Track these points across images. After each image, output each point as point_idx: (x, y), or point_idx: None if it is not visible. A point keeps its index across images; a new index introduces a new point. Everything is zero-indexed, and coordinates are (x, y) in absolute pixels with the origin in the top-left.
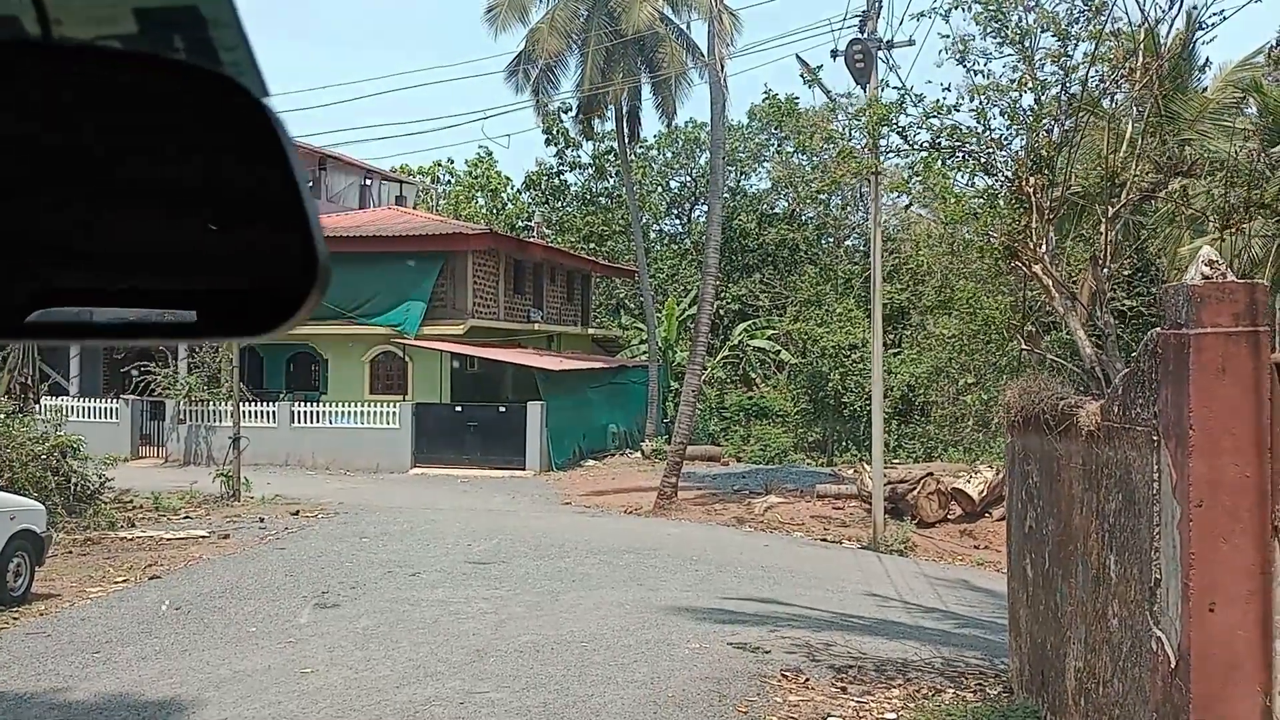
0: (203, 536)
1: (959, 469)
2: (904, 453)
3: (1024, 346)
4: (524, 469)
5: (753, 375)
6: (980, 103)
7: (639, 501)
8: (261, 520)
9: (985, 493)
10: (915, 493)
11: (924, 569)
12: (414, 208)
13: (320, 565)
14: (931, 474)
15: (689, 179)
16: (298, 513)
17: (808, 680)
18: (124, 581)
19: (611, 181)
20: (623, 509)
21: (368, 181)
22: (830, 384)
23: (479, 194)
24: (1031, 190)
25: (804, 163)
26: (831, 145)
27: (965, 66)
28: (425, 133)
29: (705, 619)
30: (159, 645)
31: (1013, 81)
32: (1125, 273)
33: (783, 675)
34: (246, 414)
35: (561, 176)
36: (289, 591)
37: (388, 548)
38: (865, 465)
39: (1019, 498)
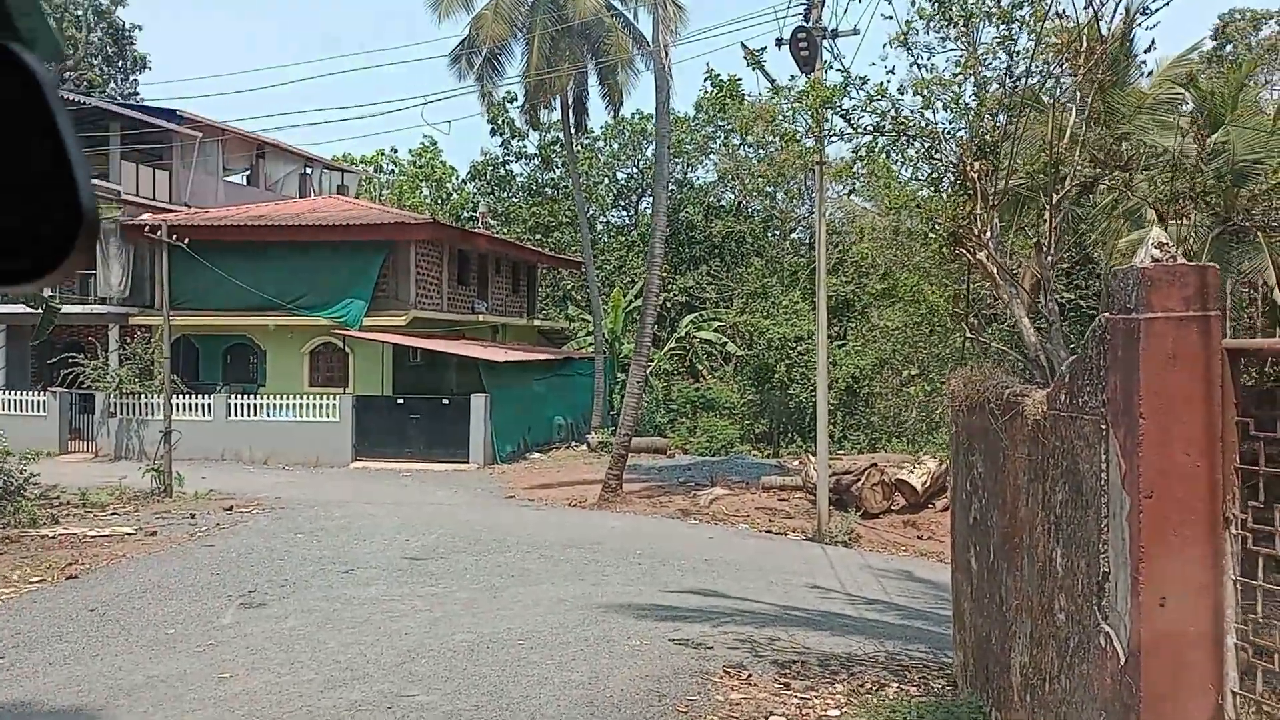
0: (128, 534)
1: (902, 460)
2: (849, 444)
3: (968, 336)
4: (468, 462)
5: (699, 367)
6: (924, 96)
7: (584, 495)
8: (192, 516)
9: (929, 483)
10: (859, 484)
11: (868, 560)
12: (356, 197)
13: (250, 563)
14: (875, 465)
15: (636, 171)
16: (231, 508)
17: (750, 677)
18: (39, 582)
19: (558, 172)
20: (567, 502)
21: (308, 170)
22: (776, 375)
23: (423, 184)
24: (976, 176)
25: (750, 155)
26: (775, 136)
27: (910, 52)
28: (366, 117)
29: (647, 615)
30: (69, 650)
31: (955, 75)
32: (1064, 265)
33: (725, 672)
34: (180, 407)
35: (507, 167)
36: (214, 591)
37: (322, 544)
38: (810, 457)
39: (963, 489)
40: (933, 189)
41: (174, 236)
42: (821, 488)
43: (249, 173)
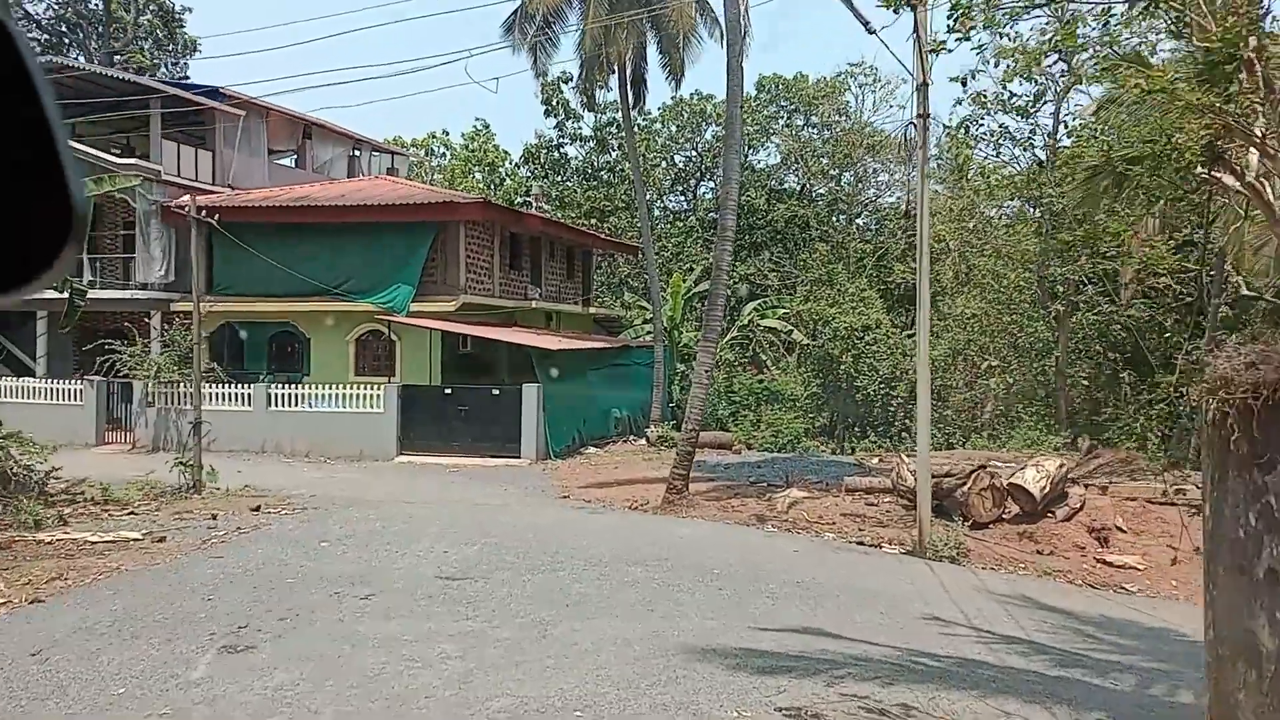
0: (134, 540)
1: (1008, 459)
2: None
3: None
4: (519, 457)
5: (763, 357)
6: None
7: (645, 495)
8: (214, 518)
9: (1047, 489)
10: (965, 488)
11: (984, 581)
12: (407, 180)
13: (255, 582)
14: (984, 467)
15: (694, 154)
16: (258, 508)
17: None
18: (2, 604)
19: (614, 155)
20: (627, 504)
21: (356, 152)
22: (842, 367)
23: (476, 168)
24: (1253, 55)
25: (814, 136)
26: (841, 115)
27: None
28: (410, 95)
29: (739, 666)
30: None
31: None
32: None
33: None
34: (219, 396)
35: (561, 149)
36: (198, 625)
37: (347, 556)
38: (904, 456)
39: (1240, 525)
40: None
41: (214, 217)
42: (924, 493)
43: (295, 155)
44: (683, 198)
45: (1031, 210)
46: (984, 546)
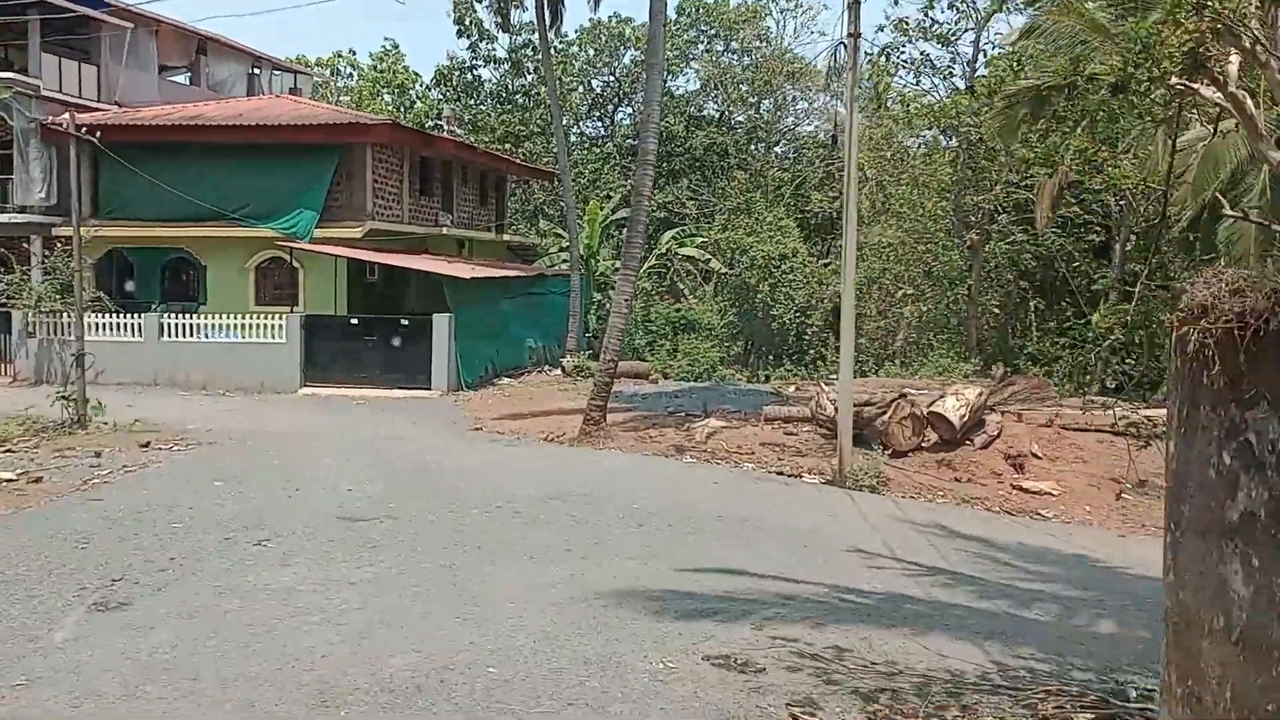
0: (7, 480)
1: (921, 386)
2: (833, 368)
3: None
4: (429, 389)
5: (680, 286)
6: None
7: (561, 426)
8: (98, 455)
9: (966, 417)
10: (886, 417)
11: (905, 511)
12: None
13: (137, 528)
14: (904, 395)
15: (613, 79)
16: (148, 444)
17: None
18: None
19: (529, 79)
20: (544, 436)
21: (256, 70)
22: (758, 296)
23: (385, 91)
24: None
25: (734, 62)
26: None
27: None
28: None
29: (663, 611)
30: None
31: None
32: None
33: (793, 719)
34: (107, 326)
35: (475, 72)
36: (67, 577)
37: (242, 496)
38: (824, 385)
39: (1212, 464)
40: None
41: (96, 135)
42: (845, 423)
43: (189, 72)
44: (600, 124)
45: (948, 140)
46: (903, 475)
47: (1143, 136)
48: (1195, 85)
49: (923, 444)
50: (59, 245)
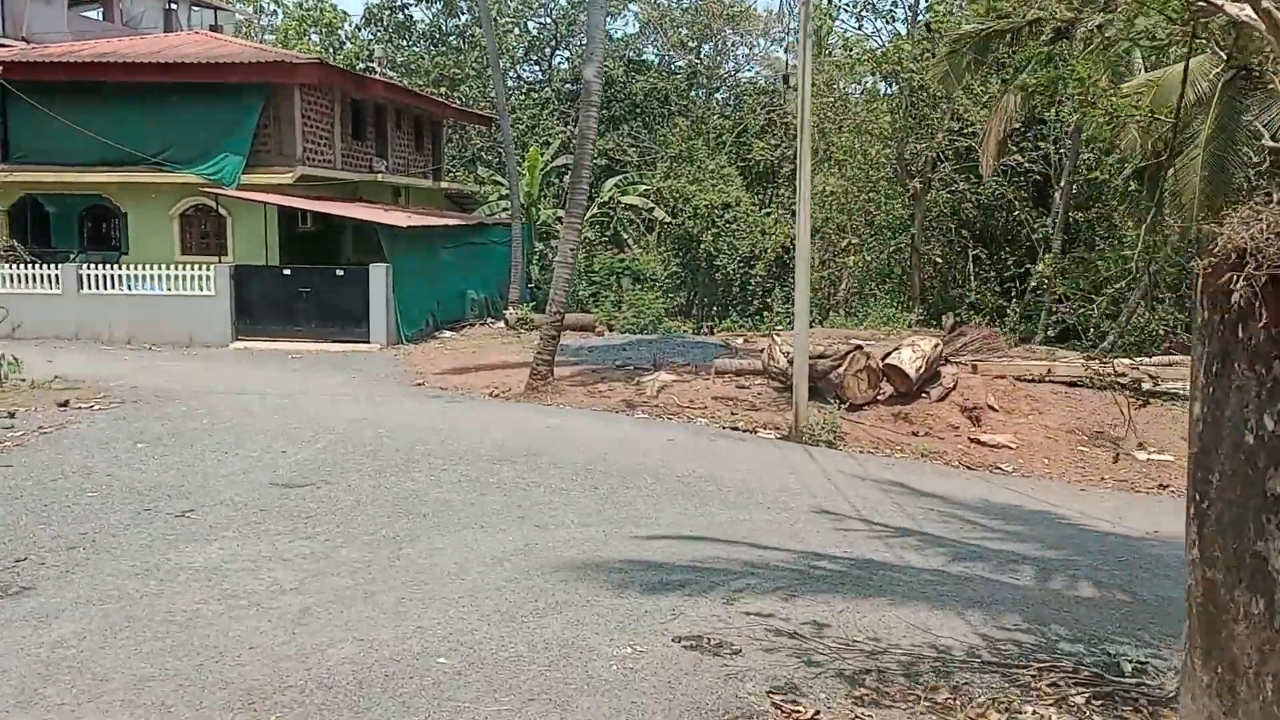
0: None
1: (867, 337)
2: (780, 320)
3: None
4: (368, 342)
5: (624, 235)
6: None
7: (507, 381)
8: (11, 415)
9: (923, 369)
10: (841, 370)
11: (865, 466)
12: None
13: (48, 498)
14: (860, 347)
15: (549, 20)
16: (67, 403)
17: (818, 715)
18: None
19: (464, 19)
20: (489, 392)
21: (173, 6)
22: (702, 246)
23: (312, 30)
24: None
25: (673, 5)
26: None
27: None
28: None
29: (626, 584)
30: None
31: None
32: None
33: (776, 707)
34: (21, 278)
35: (406, 11)
36: None
37: (167, 460)
38: (776, 337)
39: (1249, 428)
40: None
41: (0, 73)
42: (800, 376)
43: (101, 7)
44: (537, 68)
45: (889, 86)
46: (860, 429)
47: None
48: (1219, 3)
49: (878, 397)
50: None
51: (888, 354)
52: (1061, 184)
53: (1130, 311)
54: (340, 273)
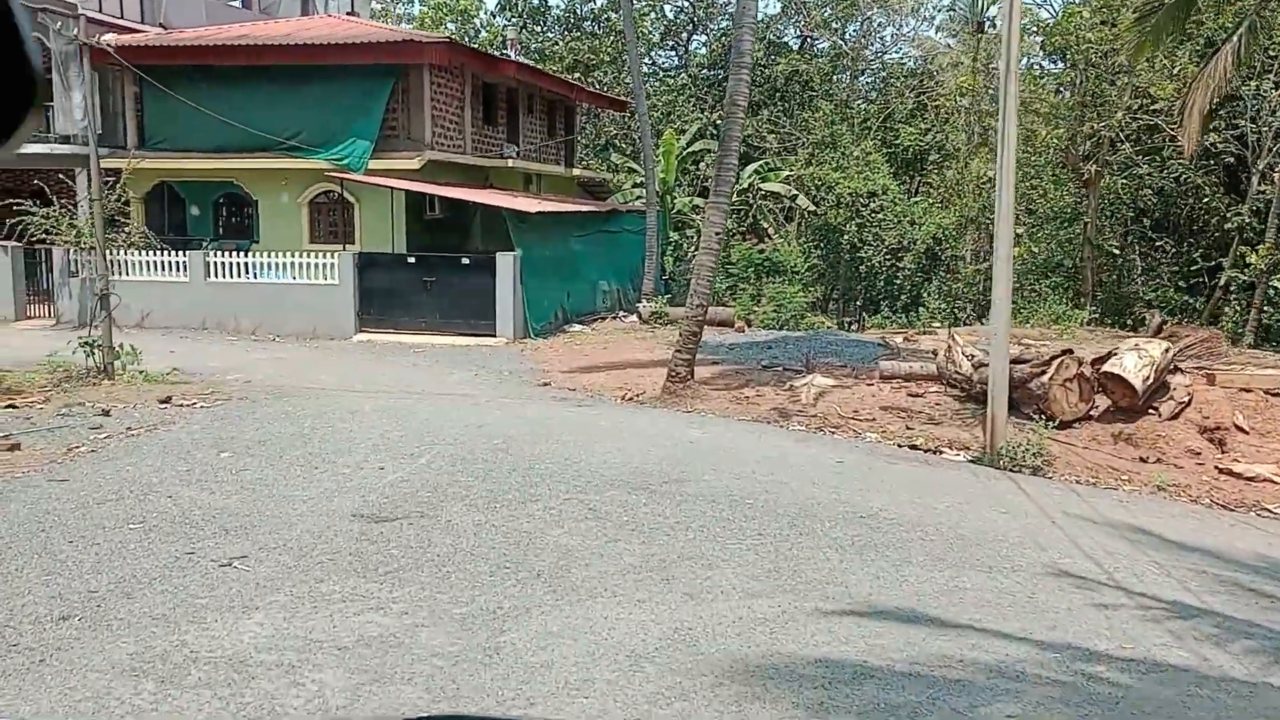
0: None
1: (1037, 337)
2: (938, 315)
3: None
4: (493, 336)
5: (764, 225)
6: None
7: (641, 382)
8: (107, 414)
9: (1150, 379)
10: (1045, 378)
11: (1093, 505)
12: None
13: (81, 530)
14: (1070, 351)
15: (687, 4)
16: (168, 399)
17: None
18: None
19: (599, 3)
20: (621, 394)
21: None
22: (845, 236)
23: (448, 18)
24: None
25: None
26: None
27: None
28: None
29: (826, 706)
30: None
31: None
32: None
33: None
34: (151, 265)
35: None
36: None
37: (244, 476)
38: (957, 336)
39: None
40: None
41: (137, 60)
42: (1000, 383)
43: None
44: (673, 53)
45: (1054, 63)
46: (1071, 452)
47: None
48: None
49: (1091, 412)
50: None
51: (1102, 358)
52: (1259, 167)
53: None
54: (466, 261)
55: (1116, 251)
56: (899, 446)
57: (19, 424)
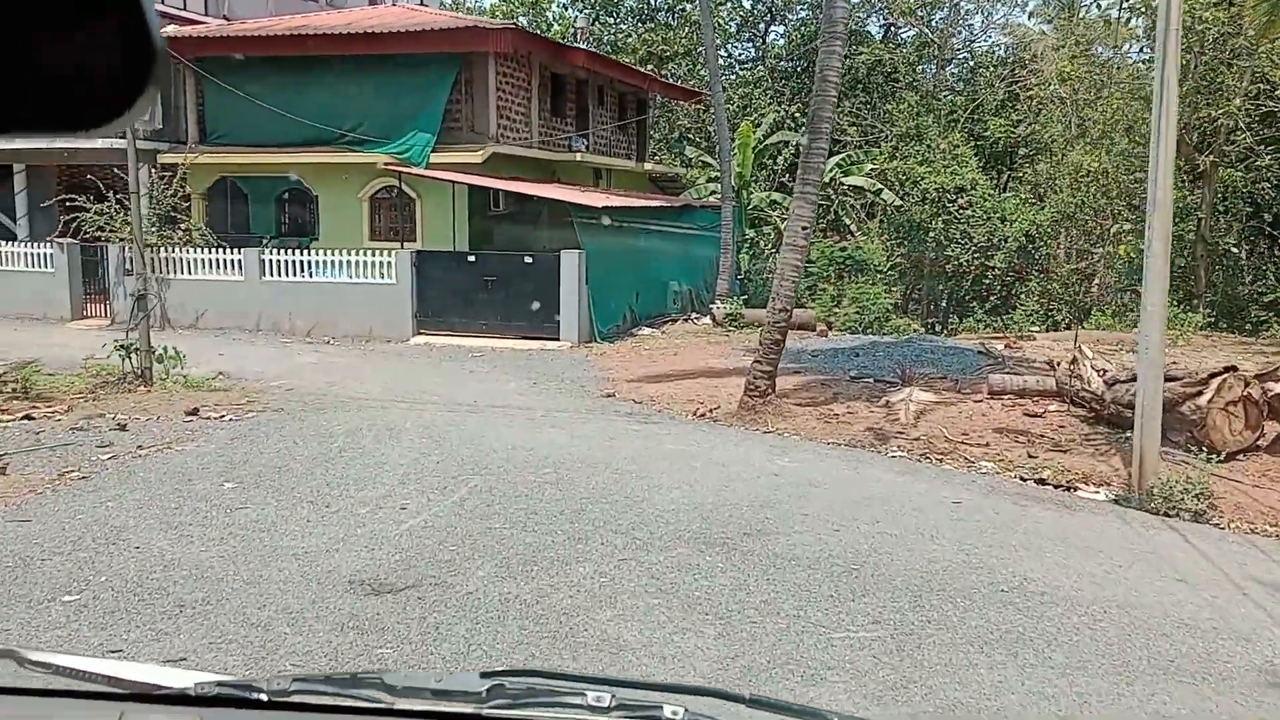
0: None
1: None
2: (1035, 317)
3: None
4: (557, 339)
5: (846, 221)
6: None
7: (715, 394)
8: (122, 427)
9: None
10: (1203, 401)
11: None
12: None
13: (20, 591)
14: (1233, 369)
15: None
16: (196, 411)
17: None
18: None
19: None
20: (693, 410)
21: None
22: (931, 234)
23: (518, 11)
24: None
25: None
26: None
27: None
28: None
29: None
30: None
31: None
32: None
33: None
34: (205, 263)
35: None
36: None
37: (238, 516)
38: (1086, 348)
39: None
40: None
41: (198, 53)
42: (1153, 408)
43: None
44: (750, 45)
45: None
46: (1238, 491)
47: None
48: None
49: (1260, 442)
50: (156, 174)
51: (1266, 374)
52: None
53: None
54: (529, 259)
55: (1234, 249)
56: (1023, 480)
57: (27, 439)
